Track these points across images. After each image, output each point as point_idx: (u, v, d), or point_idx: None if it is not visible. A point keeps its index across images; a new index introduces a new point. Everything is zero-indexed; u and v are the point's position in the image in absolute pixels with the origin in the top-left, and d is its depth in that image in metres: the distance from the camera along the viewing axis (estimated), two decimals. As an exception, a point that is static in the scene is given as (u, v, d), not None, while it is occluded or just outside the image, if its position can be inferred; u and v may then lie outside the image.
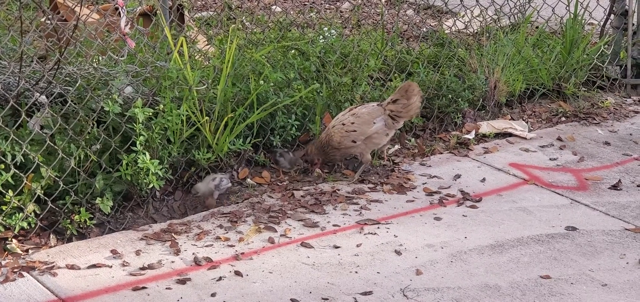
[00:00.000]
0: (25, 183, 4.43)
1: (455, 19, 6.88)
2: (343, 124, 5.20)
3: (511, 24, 7.13)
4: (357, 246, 4.46)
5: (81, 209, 4.55)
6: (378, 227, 4.66)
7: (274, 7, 9.00)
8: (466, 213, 4.85)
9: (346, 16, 8.63)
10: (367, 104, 5.35)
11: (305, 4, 9.45)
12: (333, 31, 6.63)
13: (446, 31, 7.23)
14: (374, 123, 5.18)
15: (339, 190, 5.07)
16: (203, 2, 9.47)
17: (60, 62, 4.57)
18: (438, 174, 5.33)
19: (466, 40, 6.85)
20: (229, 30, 6.37)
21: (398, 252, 4.40)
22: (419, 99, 5.26)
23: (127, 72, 4.83)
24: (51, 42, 4.83)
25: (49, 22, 5.71)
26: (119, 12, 6.26)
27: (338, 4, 9.34)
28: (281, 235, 4.55)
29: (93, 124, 4.65)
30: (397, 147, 5.72)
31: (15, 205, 4.40)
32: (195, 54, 5.71)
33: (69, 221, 4.52)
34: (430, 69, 6.22)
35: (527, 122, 6.18)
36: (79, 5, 4.55)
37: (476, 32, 7.14)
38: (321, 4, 9.48)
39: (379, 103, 5.30)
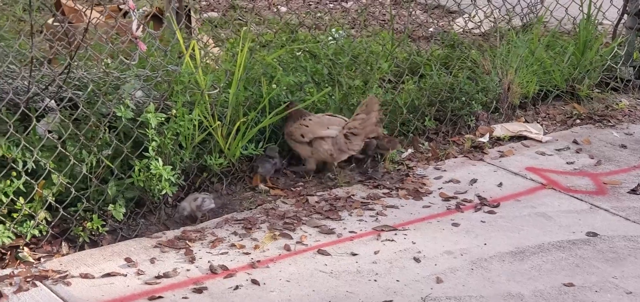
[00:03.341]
0: (37, 190, 4.34)
1: (465, 19, 6.77)
2: (303, 118, 5.14)
3: (523, 25, 7.04)
4: (375, 253, 4.38)
5: (93, 216, 4.46)
6: (395, 234, 4.57)
7: (279, 7, 8.92)
8: (484, 219, 4.76)
9: (352, 16, 8.55)
10: (339, 117, 5.26)
11: (310, 4, 9.37)
12: (341, 32, 6.55)
13: (457, 31, 7.13)
14: (328, 128, 5.08)
15: (353, 195, 4.98)
16: (207, 3, 9.40)
17: (70, 67, 4.47)
18: (454, 179, 5.24)
19: (477, 41, 6.75)
20: (238, 32, 6.30)
21: (417, 260, 4.31)
22: (376, 116, 5.09)
23: (139, 76, 4.74)
24: (61, 46, 4.75)
25: (57, 24, 5.63)
26: (125, 14, 6.19)
27: (343, 3, 9.25)
28: (297, 242, 4.46)
29: (105, 130, 4.56)
30: (409, 151, 5.63)
31: (26, 212, 4.31)
32: (206, 58, 5.62)
33: (81, 228, 4.44)
34: (442, 71, 6.12)
35: (541, 125, 6.09)
36: (86, 7, 4.45)
37: (485, 33, 7.06)
38: (326, 3, 9.41)
39: (345, 119, 5.21)
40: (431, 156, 5.59)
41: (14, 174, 4.25)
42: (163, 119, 4.59)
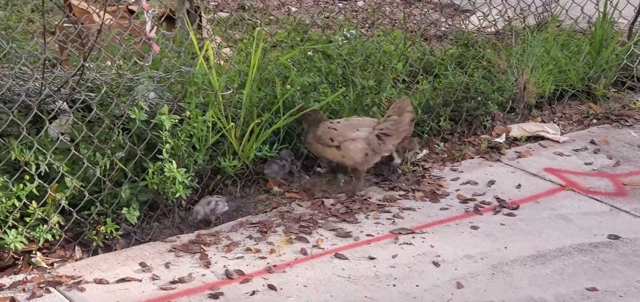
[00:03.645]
0: (50, 194, 4.28)
1: (480, 17, 6.68)
2: (331, 122, 5.04)
3: (537, 23, 6.95)
4: (393, 257, 4.30)
5: (107, 219, 4.40)
6: (413, 237, 4.49)
7: (289, 6, 8.85)
8: (504, 221, 4.69)
9: (362, 15, 8.48)
10: (368, 117, 5.17)
11: (319, 3, 9.29)
12: (353, 31, 6.47)
13: (469, 30, 7.04)
14: (358, 130, 4.96)
15: (369, 197, 4.90)
16: (216, 3, 9.32)
17: (83, 68, 4.40)
18: (471, 180, 5.16)
19: (492, 40, 6.66)
20: (249, 32, 6.22)
21: (436, 264, 4.23)
22: (410, 117, 4.96)
23: (152, 77, 4.67)
24: (73, 47, 4.68)
25: (69, 25, 5.57)
26: (132, 12, 6.12)
27: (353, 2, 9.17)
28: (314, 246, 4.39)
29: (118, 132, 4.49)
30: (425, 152, 5.55)
31: (39, 216, 4.25)
32: (219, 58, 5.54)
33: (94, 232, 4.37)
34: (457, 71, 6.04)
35: (558, 125, 6.01)
36: (97, 9, 4.38)
37: (499, 31, 6.97)
38: (334, 2, 9.33)
39: (376, 119, 5.10)
40: (447, 157, 5.51)
41: (27, 177, 4.18)
42: (177, 120, 4.52)
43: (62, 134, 4.52)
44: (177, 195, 4.55)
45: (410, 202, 4.89)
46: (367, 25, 8.12)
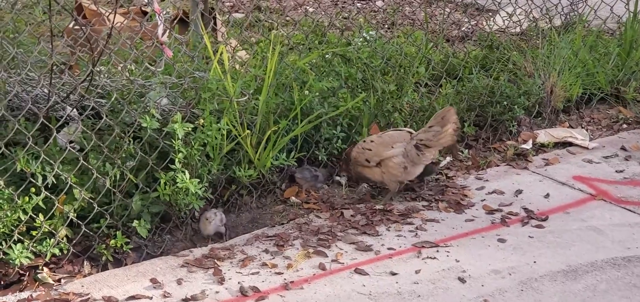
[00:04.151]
0: (57, 206, 4.09)
1: (505, 18, 6.44)
2: (364, 141, 4.84)
3: (563, 24, 6.71)
4: (416, 272, 4.09)
5: (117, 232, 4.21)
6: (437, 251, 4.28)
7: (305, 7, 8.65)
8: (532, 234, 4.46)
9: (381, 16, 8.26)
10: (402, 128, 4.96)
11: (337, 3, 9.09)
12: (372, 33, 6.25)
13: (492, 31, 6.80)
14: (392, 147, 4.75)
15: (391, 208, 4.69)
16: (231, 4, 9.14)
17: (93, 74, 4.22)
18: (497, 189, 4.94)
19: (516, 41, 6.43)
20: (265, 34, 6.02)
21: (462, 280, 4.02)
22: (453, 128, 4.74)
23: (165, 84, 4.48)
24: (82, 52, 4.50)
25: (78, 28, 5.39)
26: (145, 14, 5.93)
27: (371, 3, 8.95)
28: (332, 260, 4.19)
29: (129, 141, 4.30)
30: (448, 159, 5.34)
31: (46, 230, 4.07)
32: (234, 61, 5.35)
33: (104, 246, 4.19)
34: (481, 74, 5.81)
35: (586, 130, 5.78)
36: (108, 11, 4.19)
37: (524, 32, 6.74)
38: (353, 2, 9.12)
39: (410, 130, 4.87)
40: (471, 165, 5.29)
41: (33, 190, 4.00)
42: (190, 128, 4.32)
43: (71, 142, 4.34)
44: (190, 206, 4.36)
45: (433, 213, 4.67)
46: (386, 25, 7.91)
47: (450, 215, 4.66)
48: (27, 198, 3.98)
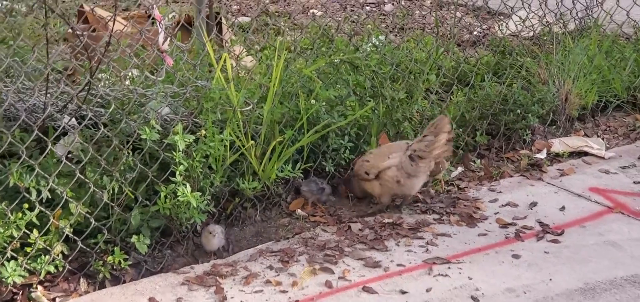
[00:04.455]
0: (52, 221, 3.93)
1: (518, 23, 6.25)
2: (364, 154, 4.67)
3: (579, 28, 6.51)
4: (427, 290, 3.91)
5: (115, 248, 4.05)
6: (449, 267, 4.10)
7: (313, 11, 8.48)
8: (548, 249, 4.28)
9: (390, 20, 8.09)
10: (400, 141, 4.77)
11: (345, 8, 8.92)
12: (382, 38, 6.07)
13: (503, 35, 6.61)
14: (388, 158, 4.56)
15: (400, 222, 4.51)
16: (238, 7, 8.98)
17: (91, 84, 4.06)
18: (511, 202, 4.76)
19: (529, 46, 6.23)
20: (272, 39, 5.85)
21: (475, 299, 3.84)
22: (446, 137, 4.52)
23: (165, 93, 4.31)
24: (80, 61, 4.34)
25: (77, 33, 5.24)
26: (148, 17, 5.76)
27: (381, 6, 8.77)
28: (339, 277, 4.01)
29: (128, 153, 4.13)
30: (460, 169, 5.15)
31: (41, 246, 3.90)
32: (238, 68, 5.18)
33: (101, 262, 4.03)
34: (493, 81, 5.62)
35: (602, 139, 5.58)
36: (110, 17, 4.02)
37: (536, 36, 6.54)
38: (362, 6, 8.95)
39: (407, 141, 4.69)
40: (484, 175, 5.11)
41: (27, 205, 3.84)
42: (191, 140, 4.15)
43: (69, 153, 4.18)
44: (192, 221, 4.19)
45: (445, 226, 4.49)
46: (395, 29, 7.74)
47: (462, 229, 4.48)
48: (20, 214, 3.81)
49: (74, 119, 4.42)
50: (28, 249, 3.88)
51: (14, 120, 4.23)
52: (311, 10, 8.51)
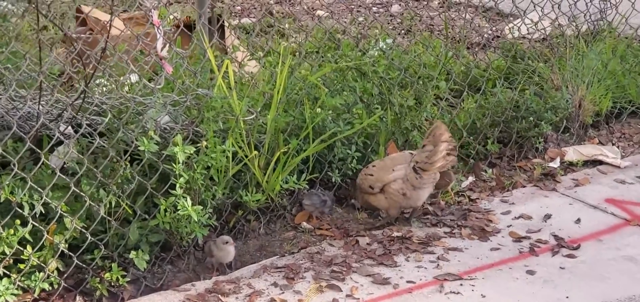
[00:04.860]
0: (46, 237, 3.76)
1: (529, 26, 6.06)
2: (367, 167, 4.47)
3: (593, 32, 6.31)
4: (438, 309, 3.74)
5: (112, 264, 3.88)
6: (461, 284, 3.92)
7: (319, 12, 8.30)
8: (563, 264, 4.10)
9: (397, 21, 7.90)
10: (405, 152, 4.56)
11: (351, 9, 8.73)
12: (389, 40, 5.88)
13: (514, 38, 6.42)
14: (393, 171, 4.36)
15: (410, 235, 4.33)
16: (241, 8, 8.80)
17: (86, 93, 3.88)
18: (524, 214, 4.57)
19: (541, 49, 6.03)
20: (276, 43, 5.67)
21: (489, 319, 3.67)
22: (447, 148, 4.28)
23: (165, 103, 4.14)
24: (77, 68, 4.17)
25: (81, 36, 5.08)
26: (151, 20, 5.57)
27: (386, 7, 8.58)
28: (347, 295, 3.84)
29: (125, 165, 3.96)
30: (470, 179, 4.97)
31: (35, 263, 3.73)
32: (241, 73, 5.00)
33: (98, 279, 3.86)
34: (505, 87, 5.42)
35: (618, 147, 5.40)
36: (109, 21, 3.85)
37: (547, 38, 6.36)
38: (368, 8, 8.76)
39: (412, 151, 4.48)
40: (496, 185, 4.93)
41: (19, 221, 3.66)
42: (192, 151, 3.97)
43: (64, 164, 4.01)
44: (193, 235, 4.02)
45: (456, 240, 4.31)
46: (402, 31, 7.56)
47: (474, 243, 4.30)
48: (11, 231, 3.64)
49: (69, 128, 4.26)
50: (21, 266, 3.72)
51: (7, 129, 4.07)
52: (316, 12, 8.32)
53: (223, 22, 5.60)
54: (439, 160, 4.26)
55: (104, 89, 4.47)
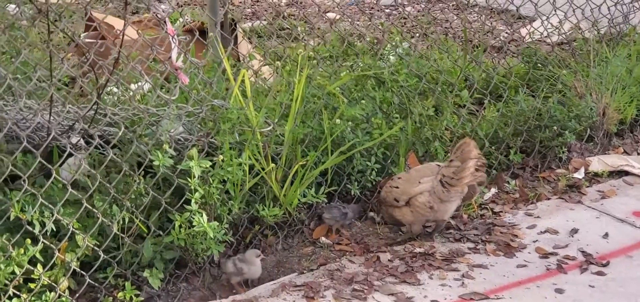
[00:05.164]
0: (58, 255, 3.61)
1: (549, 29, 5.89)
2: (392, 179, 4.32)
3: (614, 37, 6.14)
4: (465, 331, 3.59)
5: (126, 283, 3.75)
6: (487, 304, 3.78)
7: (330, 14, 8.15)
8: (593, 282, 3.95)
9: (411, 23, 7.74)
10: (430, 164, 4.42)
11: (363, 12, 8.58)
12: (405, 45, 5.71)
13: (533, 39, 6.25)
14: (420, 183, 4.22)
15: (433, 251, 4.18)
16: (252, 10, 8.66)
17: (98, 105, 3.74)
18: (550, 228, 4.42)
19: (563, 56, 5.87)
20: (291, 50, 5.52)
21: (518, 342, 3.52)
22: (474, 164, 4.13)
23: (180, 115, 3.99)
24: (88, 78, 4.03)
25: (92, 41, 4.95)
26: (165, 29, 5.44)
27: (400, 9, 8.42)
28: (369, 316, 3.69)
29: (139, 179, 3.81)
30: (493, 191, 4.82)
31: (46, 282, 3.59)
32: (257, 80, 4.85)
33: (110, 298, 3.75)
34: (527, 95, 5.26)
35: (643, 157, 5.25)
36: (122, 31, 3.70)
37: (567, 43, 6.20)
38: (381, 9, 8.61)
39: (439, 163, 4.33)
40: (519, 197, 4.77)
41: (29, 241, 3.52)
42: (208, 165, 3.83)
43: (76, 173, 3.87)
44: (209, 252, 3.88)
45: (481, 257, 4.16)
46: (417, 34, 7.40)
47: (499, 259, 4.15)
48: (21, 250, 3.49)
49: (81, 140, 4.12)
50: (32, 285, 3.58)
51: (16, 139, 3.94)
52: (328, 13, 8.17)
53: (235, 26, 5.45)
54: (468, 176, 4.11)
55: (115, 98, 4.32)
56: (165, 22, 3.77)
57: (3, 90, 3.83)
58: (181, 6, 8.28)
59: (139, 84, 4.16)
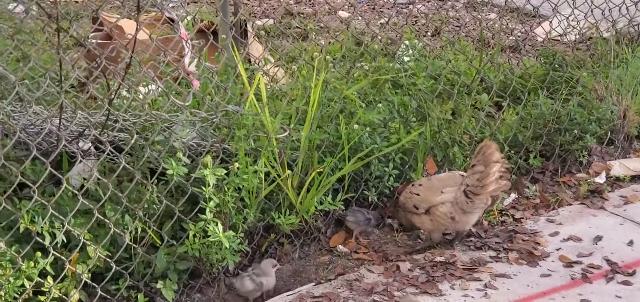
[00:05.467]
0: (68, 267, 3.50)
1: (566, 28, 5.76)
2: (413, 184, 4.20)
3: (633, 37, 6.01)
4: (490, 344, 3.47)
5: (138, 295, 3.65)
6: (512, 316, 3.66)
7: (341, 12, 8.03)
8: (619, 292, 3.83)
9: (423, 22, 7.62)
10: (452, 173, 4.29)
11: (374, 9, 8.45)
12: (419, 45, 5.56)
13: (550, 38, 6.12)
14: (442, 193, 4.10)
15: (454, 260, 4.06)
16: (262, 9, 8.53)
17: (109, 113, 3.63)
18: (573, 235, 4.30)
19: (581, 57, 5.73)
20: (305, 51, 5.39)
21: (545, 356, 3.40)
22: (498, 169, 3.98)
23: (193, 122, 3.87)
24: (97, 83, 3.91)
25: (101, 41, 4.83)
26: (174, 28, 5.32)
27: (410, 7, 8.29)
28: (391, 329, 3.58)
29: (152, 188, 3.70)
30: (513, 196, 4.69)
31: (57, 295, 3.47)
32: (272, 83, 4.73)
33: (123, 311, 3.61)
34: (546, 98, 5.12)
35: (666, 160, 5.12)
36: (134, 36, 3.59)
37: (582, 42, 6.06)
38: (392, 6, 8.48)
39: (463, 173, 4.19)
40: (540, 203, 4.64)
41: (40, 254, 3.41)
42: (223, 173, 3.71)
43: (82, 188, 3.75)
44: (224, 262, 3.76)
45: (503, 266, 4.04)
46: (430, 33, 7.28)
47: (522, 268, 4.02)
48: (31, 263, 3.38)
49: (91, 147, 4.01)
50: (42, 298, 3.48)
51: (24, 143, 3.82)
52: (338, 11, 8.05)
53: (245, 26, 5.32)
54: (492, 183, 3.98)
55: (125, 102, 4.20)
56: (179, 25, 3.64)
57: (12, 97, 3.71)
58: (188, 3, 8.16)
59: (151, 88, 4.03)
